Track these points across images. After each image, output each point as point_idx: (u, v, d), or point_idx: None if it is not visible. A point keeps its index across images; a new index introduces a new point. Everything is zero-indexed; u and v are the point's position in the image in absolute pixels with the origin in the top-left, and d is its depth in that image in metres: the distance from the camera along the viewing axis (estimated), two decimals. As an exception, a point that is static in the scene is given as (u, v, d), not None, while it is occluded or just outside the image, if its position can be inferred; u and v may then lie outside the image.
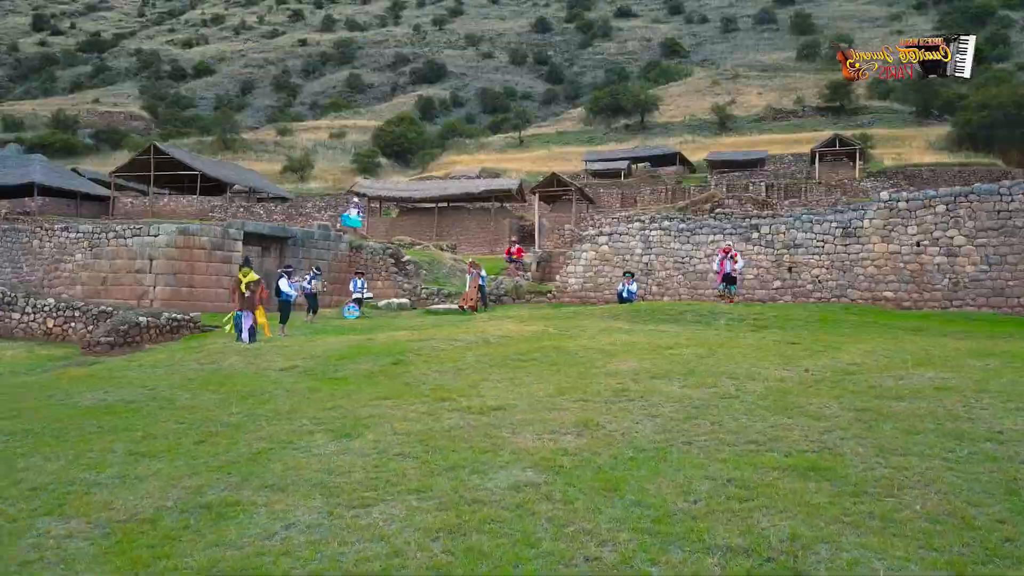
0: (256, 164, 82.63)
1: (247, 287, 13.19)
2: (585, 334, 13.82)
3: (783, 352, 10.76)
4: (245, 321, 13.11)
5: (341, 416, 7.48)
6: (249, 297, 13.16)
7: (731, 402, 7.50)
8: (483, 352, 11.15)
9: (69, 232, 23.56)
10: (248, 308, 13.22)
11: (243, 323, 13.21)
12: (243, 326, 13.18)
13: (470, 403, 7.74)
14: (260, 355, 11.43)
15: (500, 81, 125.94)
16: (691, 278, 20.85)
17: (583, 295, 22.44)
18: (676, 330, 14.04)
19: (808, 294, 19.13)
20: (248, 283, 13.32)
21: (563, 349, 11.27)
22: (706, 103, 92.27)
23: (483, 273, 23.05)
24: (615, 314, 16.87)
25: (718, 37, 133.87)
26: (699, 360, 9.96)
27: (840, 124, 79.06)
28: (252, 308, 13.33)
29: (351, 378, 9.66)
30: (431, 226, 40.99)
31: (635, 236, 21.91)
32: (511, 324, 16.46)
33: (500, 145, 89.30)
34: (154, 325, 17.99)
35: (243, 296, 13.17)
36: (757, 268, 19.91)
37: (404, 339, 12.64)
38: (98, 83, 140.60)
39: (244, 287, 13.22)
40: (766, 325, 14.82)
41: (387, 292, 26.99)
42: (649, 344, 11.76)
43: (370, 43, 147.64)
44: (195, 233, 23.11)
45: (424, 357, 10.85)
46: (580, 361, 10.25)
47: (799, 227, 19.50)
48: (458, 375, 9.55)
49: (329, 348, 11.86)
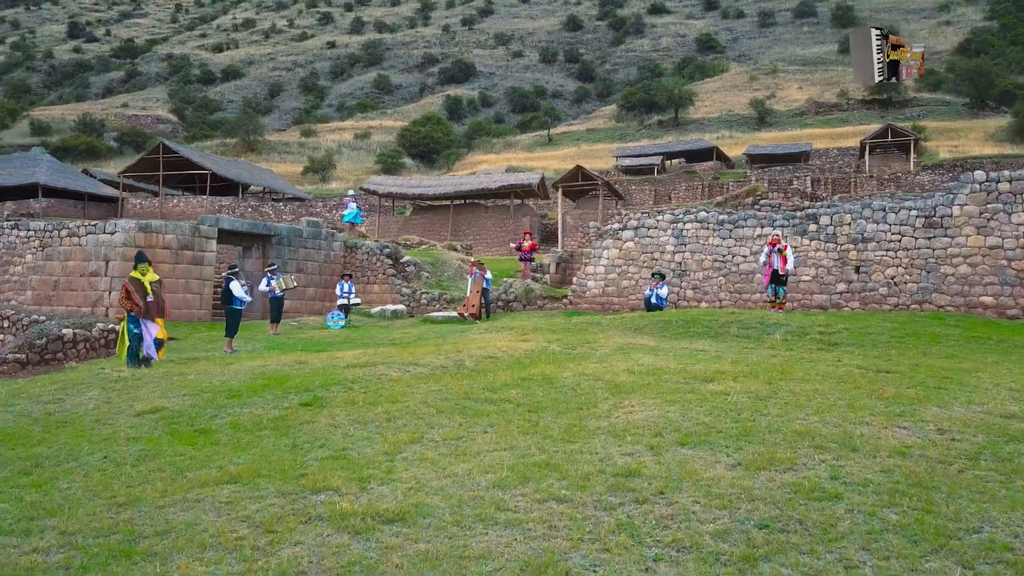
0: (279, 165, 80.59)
1: (151, 289, 10.02)
2: (595, 354, 10.40)
3: (878, 388, 7.25)
4: (147, 333, 9.89)
5: (112, 527, 4.17)
6: (152, 302, 9.96)
7: (829, 510, 4.04)
8: (443, 386, 7.80)
9: (19, 230, 20.73)
10: (149, 317, 10.02)
11: (146, 336, 10.01)
12: (147, 341, 9.97)
13: (354, 503, 4.38)
14: (131, 388, 8.23)
15: (530, 80, 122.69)
16: (734, 280, 17.27)
17: (604, 301, 18.97)
18: (717, 350, 10.55)
19: (881, 300, 15.42)
20: (152, 283, 10.11)
21: (556, 381, 7.88)
22: (743, 98, 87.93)
23: (487, 275, 19.71)
24: (639, 326, 13.40)
25: (755, 32, 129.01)
26: (755, 405, 6.50)
27: (888, 117, 74.23)
28: (162, 314, 10.12)
29: (223, 431, 6.40)
30: (445, 225, 37.76)
31: (666, 230, 18.37)
32: (506, 339, 13.10)
33: (528, 144, 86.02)
34: (83, 339, 14.98)
35: (147, 302, 9.99)
36: (816, 267, 16.24)
37: (347, 363, 9.34)
38: (129, 88, 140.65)
39: (148, 288, 10.04)
40: (837, 342, 11.26)
41: (384, 297, 23.79)
42: (680, 373, 8.31)
43: (399, 44, 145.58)
44: (158, 231, 20.13)
45: (353, 394, 7.55)
46: (574, 403, 6.86)
47: (869, 216, 15.80)
48: (381, 429, 6.22)
49: (235, 377, 8.61)
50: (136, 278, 10.25)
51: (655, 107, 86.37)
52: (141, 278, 10.22)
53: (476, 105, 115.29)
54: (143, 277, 10.22)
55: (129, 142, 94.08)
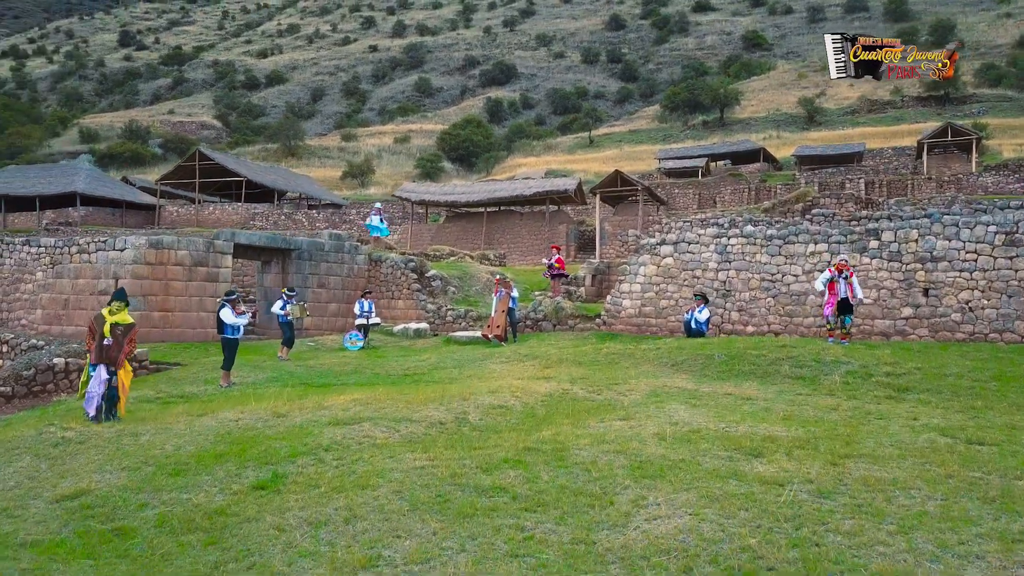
0: (319, 170, 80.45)
1: (111, 331, 8.74)
2: (622, 403, 8.97)
3: (976, 477, 5.68)
4: (96, 381, 8.55)
5: None
6: (109, 346, 8.70)
7: None
8: (431, 459, 6.46)
9: (30, 246, 20.01)
10: (105, 362, 8.77)
11: (92, 385, 8.66)
12: (91, 389, 8.63)
13: None
14: (68, 456, 7.02)
15: (572, 81, 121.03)
16: (784, 302, 15.59)
17: (640, 322, 17.44)
18: (766, 398, 9.03)
19: (954, 327, 13.62)
20: (114, 325, 8.84)
21: (568, 453, 6.47)
22: (792, 97, 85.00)
23: (514, 294, 18.34)
24: (676, 360, 11.89)
25: (804, 28, 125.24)
26: (817, 511, 5.01)
27: (946, 114, 70.84)
28: (113, 363, 8.87)
29: (144, 531, 5.16)
30: (479, 233, 36.45)
31: (708, 245, 16.76)
32: (526, 374, 11.75)
33: (569, 146, 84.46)
34: (76, 368, 14.00)
35: (101, 344, 8.70)
36: (878, 289, 14.48)
37: (330, 418, 8.06)
38: (176, 95, 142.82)
39: (107, 330, 8.75)
40: (908, 386, 9.64)
41: (409, 313, 22.58)
42: (721, 439, 6.85)
43: (440, 47, 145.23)
44: (170, 247, 19.20)
45: (321, 469, 6.26)
46: (585, 496, 5.45)
47: (939, 232, 14.00)
48: (334, 537, 4.91)
49: (194, 439, 7.37)
50: (101, 316, 9.08)
51: (699, 107, 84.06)
52: (107, 317, 9.03)
53: (517, 107, 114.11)
54: (109, 317, 9.04)
55: (173, 148, 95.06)
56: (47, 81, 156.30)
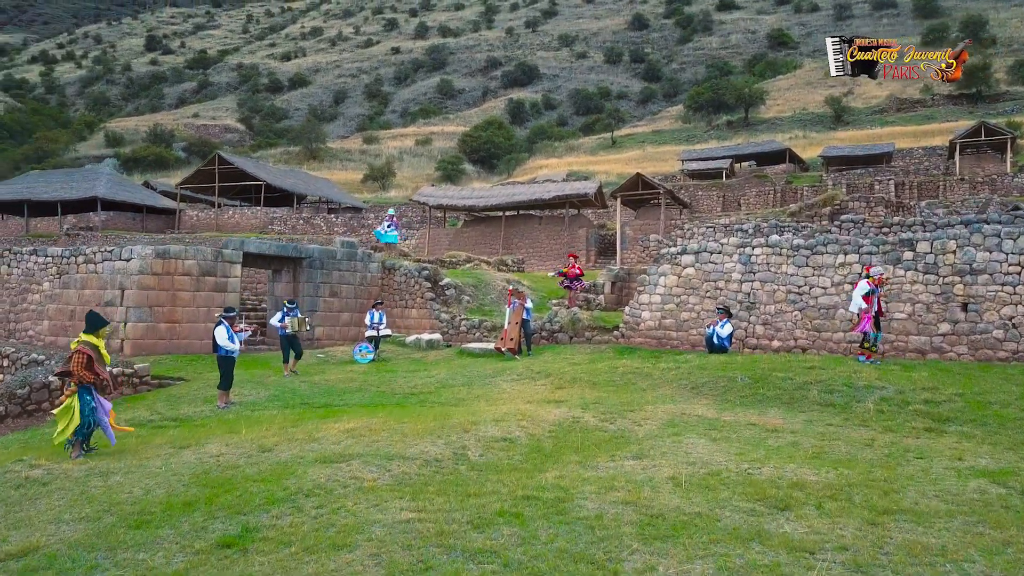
0: (340, 173, 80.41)
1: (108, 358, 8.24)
2: (636, 436, 8.29)
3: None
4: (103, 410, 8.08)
5: None
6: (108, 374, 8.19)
7: None
8: (419, 508, 5.83)
9: (37, 256, 19.70)
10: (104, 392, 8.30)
11: (100, 413, 8.25)
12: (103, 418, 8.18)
13: None
14: (27, 501, 6.45)
15: (594, 81, 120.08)
16: (811, 315, 14.77)
17: (660, 335, 16.69)
18: (793, 430, 8.30)
19: (995, 345, 12.73)
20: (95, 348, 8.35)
21: (571, 504, 5.81)
22: (818, 96, 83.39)
23: (528, 305, 17.68)
24: (696, 383, 11.17)
25: (830, 25, 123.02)
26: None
27: (978, 113, 69.01)
28: (104, 390, 8.41)
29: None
30: (497, 237, 35.81)
31: (732, 255, 15.97)
32: (537, 394, 11.11)
33: (591, 147, 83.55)
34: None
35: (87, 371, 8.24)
36: (912, 303, 13.62)
37: (317, 455, 7.45)
38: (201, 98, 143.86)
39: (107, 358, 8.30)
40: (949, 417, 8.86)
41: (422, 323, 22.01)
42: (743, 484, 6.15)
43: (462, 48, 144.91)
44: (177, 256, 18.77)
45: (297, 522, 5.64)
46: (585, 564, 4.77)
47: (979, 243, 13.12)
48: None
49: (166, 481, 6.79)
50: (95, 344, 8.58)
51: (724, 107, 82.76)
52: (98, 344, 8.55)
53: (539, 108, 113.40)
54: (97, 340, 8.55)
55: (196, 152, 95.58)
56: (75, 86, 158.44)
